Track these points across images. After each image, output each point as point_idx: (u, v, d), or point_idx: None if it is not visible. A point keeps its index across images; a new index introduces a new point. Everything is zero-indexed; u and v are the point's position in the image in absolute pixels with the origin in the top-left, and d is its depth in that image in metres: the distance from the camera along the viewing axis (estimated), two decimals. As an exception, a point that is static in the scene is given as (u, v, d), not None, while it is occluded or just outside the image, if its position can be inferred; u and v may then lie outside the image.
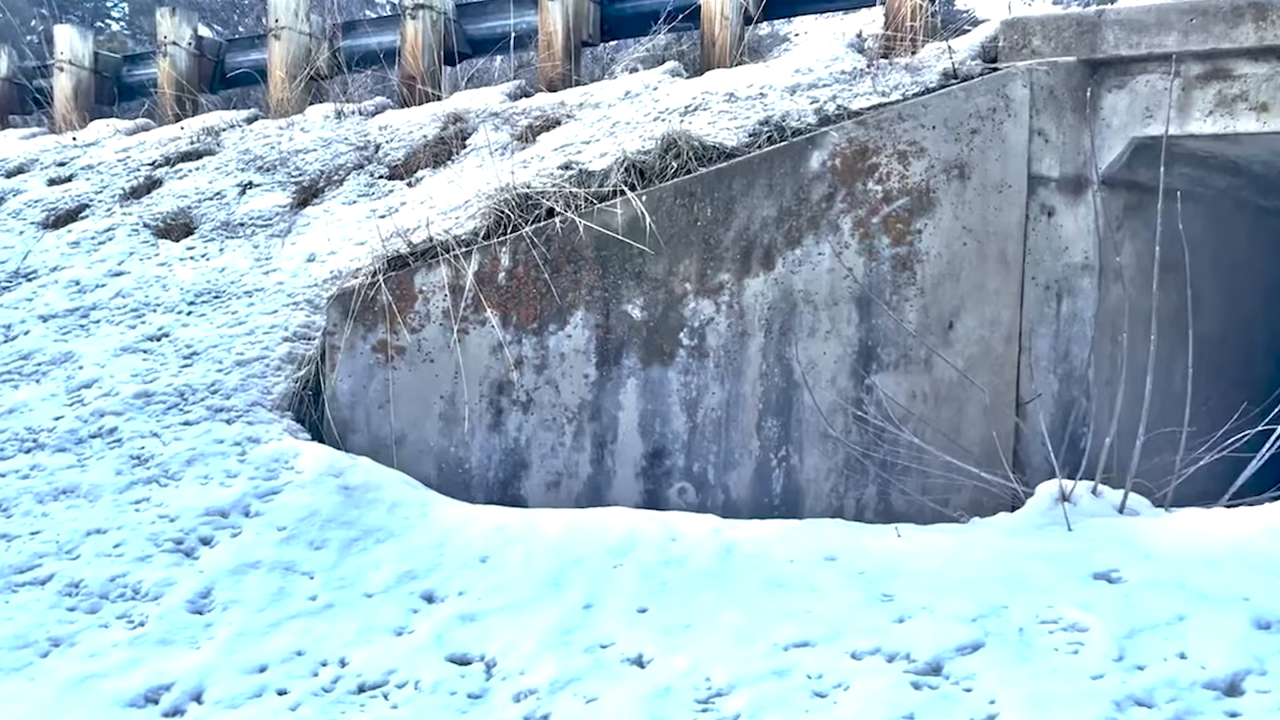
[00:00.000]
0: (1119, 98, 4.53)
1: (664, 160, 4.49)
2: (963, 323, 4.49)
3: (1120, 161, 4.56)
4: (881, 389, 4.45)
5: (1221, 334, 5.29)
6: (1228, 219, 5.37)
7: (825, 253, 4.47)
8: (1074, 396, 4.56)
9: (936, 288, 4.48)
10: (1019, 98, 4.51)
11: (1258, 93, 4.25)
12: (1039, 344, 4.55)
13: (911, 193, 4.47)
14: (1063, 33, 4.57)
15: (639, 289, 4.46)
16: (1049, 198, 4.57)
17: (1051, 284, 4.57)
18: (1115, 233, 4.67)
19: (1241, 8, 4.22)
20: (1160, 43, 4.37)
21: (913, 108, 4.50)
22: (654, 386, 4.47)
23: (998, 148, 4.50)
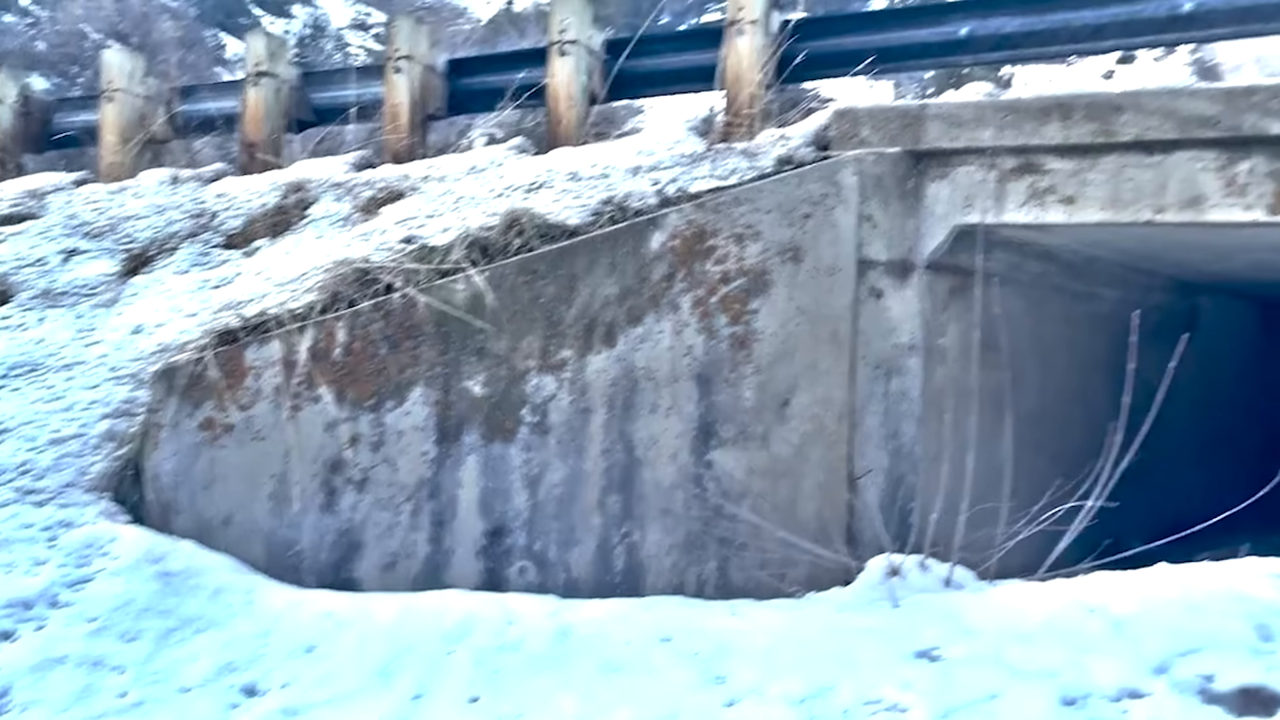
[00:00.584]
0: (941, 187, 4.77)
1: (507, 237, 4.50)
2: (798, 400, 4.61)
3: (943, 247, 4.78)
4: (721, 465, 4.51)
5: (1040, 410, 5.56)
6: (1044, 302, 5.69)
7: (666, 331, 4.54)
8: (903, 472, 4.71)
9: (773, 366, 4.59)
10: (849, 185, 4.69)
11: (1065, 186, 4.53)
12: (870, 421, 4.70)
13: (748, 274, 4.60)
14: (889, 124, 4.79)
15: (481, 365, 4.43)
16: (878, 281, 4.75)
17: (881, 363, 4.73)
18: (940, 314, 4.88)
19: (1049, 107, 4.51)
20: (978, 137, 4.63)
21: (749, 192, 4.64)
22: (495, 463, 4.43)
23: (829, 232, 4.67)
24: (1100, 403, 4.25)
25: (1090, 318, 6.02)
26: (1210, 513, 4.47)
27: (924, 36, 5.34)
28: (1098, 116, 4.40)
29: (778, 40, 5.31)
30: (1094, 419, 4.31)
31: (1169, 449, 6.63)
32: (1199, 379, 7.19)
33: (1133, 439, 4.24)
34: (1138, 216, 4.40)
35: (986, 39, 5.22)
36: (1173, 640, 2.88)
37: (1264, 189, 4.20)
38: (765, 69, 5.24)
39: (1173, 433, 6.67)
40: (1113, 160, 4.43)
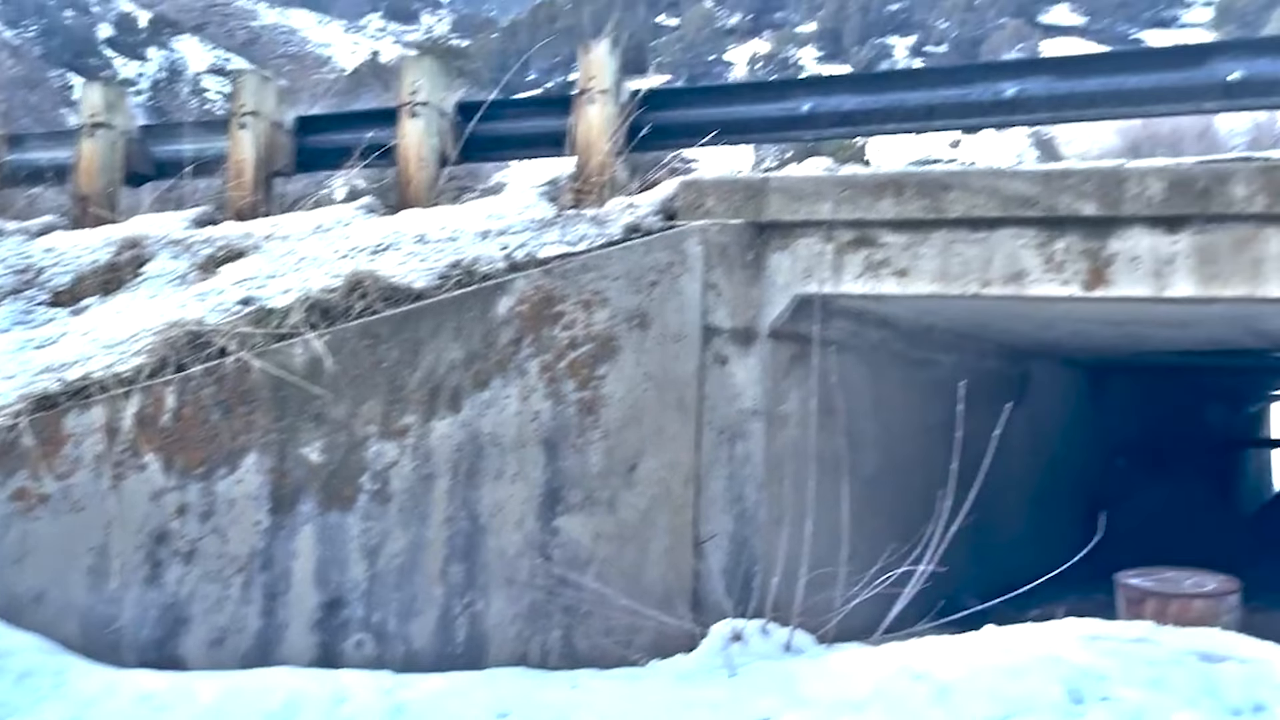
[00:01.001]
0: (783, 257, 4.90)
1: (349, 300, 4.42)
2: (645, 465, 4.63)
3: (785, 316, 4.91)
4: (567, 531, 4.49)
5: (879, 473, 5.73)
6: (883, 367, 5.88)
7: (513, 396, 4.52)
8: (747, 536, 4.78)
9: (620, 431, 4.61)
10: (694, 254, 4.79)
11: (898, 259, 4.72)
12: (715, 485, 4.76)
13: (596, 340, 4.62)
14: (733, 195, 4.91)
15: (319, 431, 4.32)
16: (722, 347, 4.84)
17: (726, 428, 4.80)
18: (782, 381, 5.00)
19: (884, 184, 4.70)
20: (817, 210, 4.78)
21: (597, 259, 4.68)
22: (332, 533, 4.30)
23: (676, 299, 4.75)
24: (938, 465, 4.40)
25: (928, 383, 6.25)
26: (1042, 570, 4.66)
27: (769, 111, 5.52)
28: (928, 194, 4.61)
29: (627, 110, 5.41)
30: (932, 481, 4.45)
31: (1002, 509, 6.91)
32: (1031, 441, 7.55)
33: (966, 501, 4.41)
34: (965, 289, 4.60)
35: (828, 115, 5.43)
36: (993, 705, 2.98)
37: (1079, 266, 4.46)
38: (615, 137, 5.32)
39: (1006, 493, 6.97)
40: (942, 235, 4.64)
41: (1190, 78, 4.94)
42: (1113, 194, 4.36)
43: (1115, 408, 9.15)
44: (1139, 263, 4.36)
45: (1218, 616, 4.77)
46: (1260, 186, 4.15)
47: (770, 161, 28.54)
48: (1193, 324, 5.38)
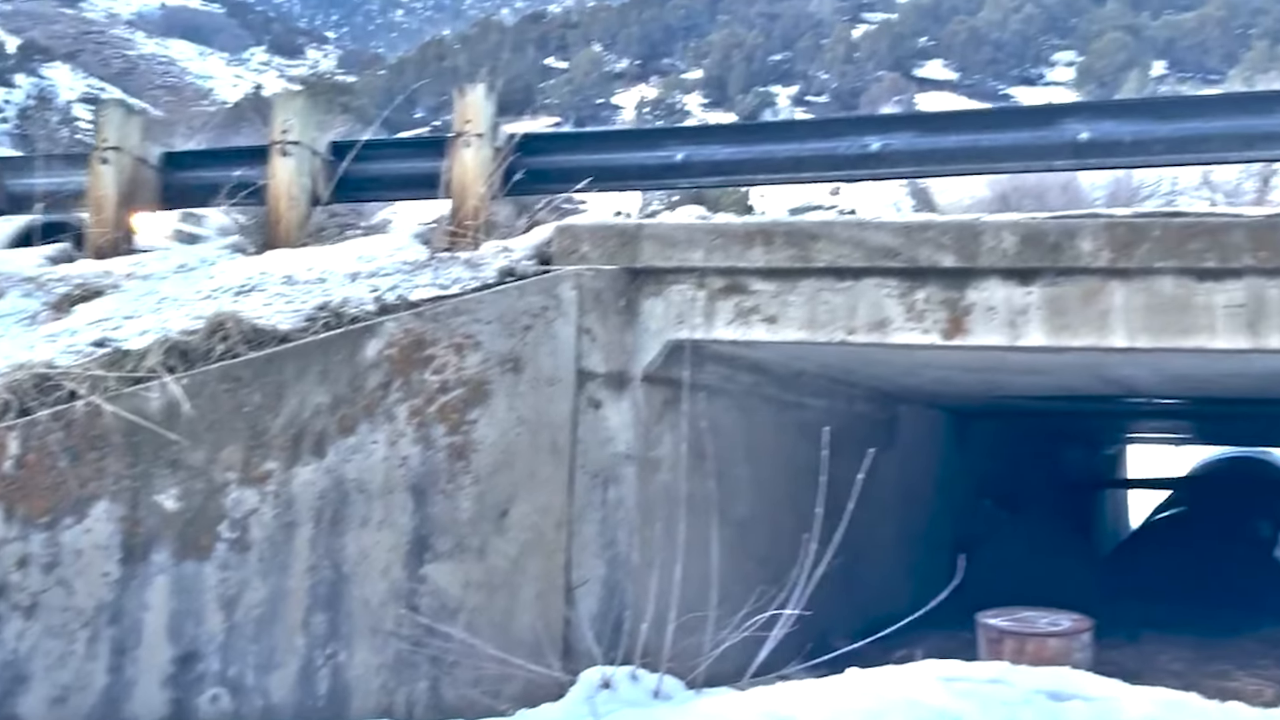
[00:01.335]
0: (656, 303, 4.95)
1: (210, 342, 4.30)
2: (516, 510, 4.60)
3: (658, 360, 4.95)
4: (435, 579, 4.42)
5: (752, 516, 5.80)
6: (756, 411, 5.98)
7: (380, 441, 4.44)
8: (619, 581, 4.77)
9: (492, 476, 4.57)
10: (568, 298, 4.80)
11: (768, 306, 4.81)
12: (588, 530, 4.75)
13: (468, 384, 4.59)
14: (608, 241, 4.96)
15: (175, 478, 4.17)
16: (596, 391, 4.85)
17: (599, 472, 4.81)
18: (655, 425, 5.03)
19: (753, 233, 4.80)
20: (689, 258, 4.86)
21: (470, 303, 4.66)
22: (188, 583, 4.15)
23: (549, 344, 4.75)
24: (810, 508, 4.47)
25: (799, 426, 6.37)
26: (912, 609, 4.76)
27: (644, 159, 5.60)
28: (796, 243, 4.72)
29: (503, 154, 5.42)
30: (803, 524, 4.52)
31: (872, 550, 7.06)
32: (899, 483, 7.75)
33: (837, 542, 4.48)
34: (832, 337, 4.72)
35: (701, 164, 5.53)
36: (852, 749, 3.02)
37: (939, 315, 4.61)
38: (491, 181, 5.32)
39: (875, 534, 7.13)
40: (810, 284, 4.76)
41: (1043, 137, 5.18)
42: (970, 246, 4.53)
43: (980, 450, 9.47)
44: (995, 313, 4.54)
45: (1071, 654, 4.95)
46: (1105, 242, 4.37)
47: (658, 206, 28.87)
48: (1046, 371, 5.61)
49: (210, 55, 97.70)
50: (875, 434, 7.59)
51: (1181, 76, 59.49)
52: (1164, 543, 9.69)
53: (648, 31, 75.84)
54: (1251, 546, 9.35)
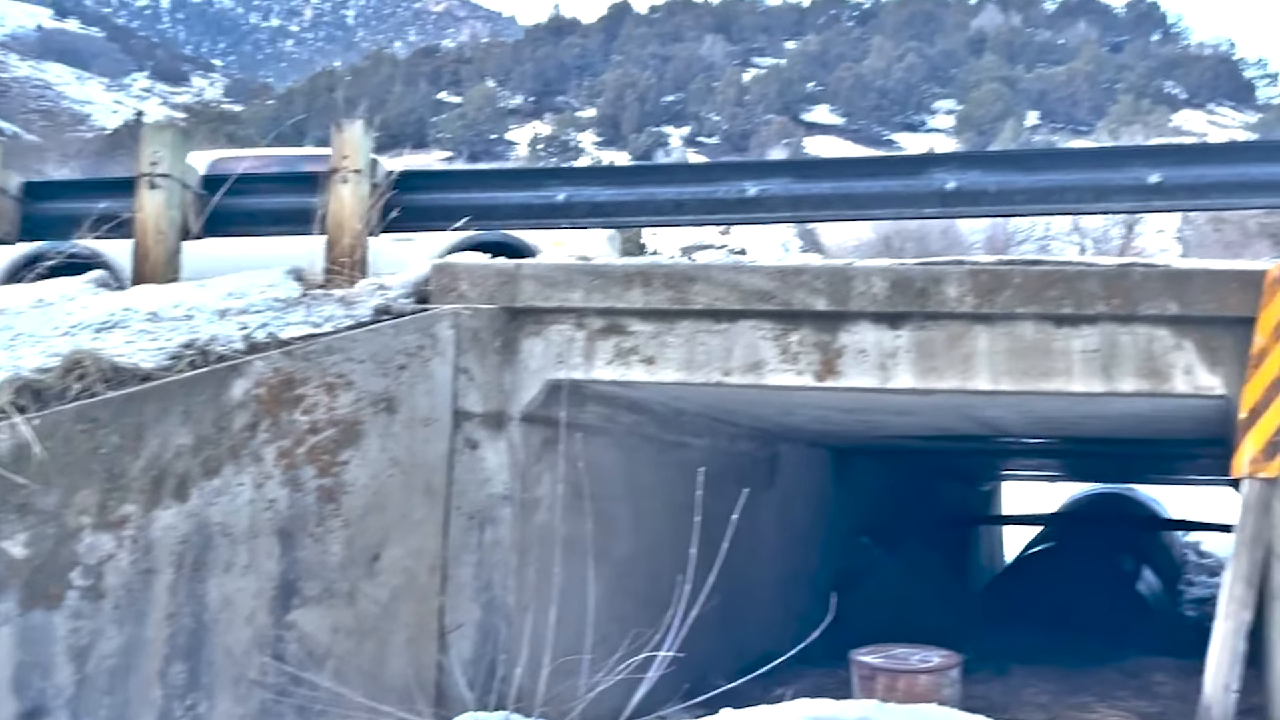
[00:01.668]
0: (535, 343, 4.94)
1: (66, 381, 4.13)
2: (388, 553, 4.51)
3: (537, 400, 4.93)
4: (303, 625, 4.29)
5: (633, 556, 5.80)
6: (637, 450, 5.99)
7: (246, 484, 4.31)
8: (494, 624, 4.71)
9: (363, 519, 4.47)
10: (445, 337, 4.75)
11: (646, 347, 4.84)
12: (463, 573, 4.68)
13: (339, 424, 4.49)
14: (487, 281, 4.93)
15: (23, 523, 3.97)
16: (473, 431, 4.80)
17: (475, 514, 4.75)
18: (534, 465, 5.00)
19: (632, 274, 4.83)
20: (569, 298, 4.86)
21: (343, 341, 4.58)
22: (35, 634, 3.94)
23: (425, 383, 4.69)
24: (690, 547, 4.48)
25: (680, 465, 6.40)
26: (790, 647, 4.80)
27: (525, 199, 5.60)
28: (675, 285, 4.77)
29: (381, 190, 5.36)
30: (684, 563, 4.53)
31: (752, 588, 7.12)
32: (780, 520, 7.85)
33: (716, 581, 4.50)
34: (709, 378, 4.77)
35: (582, 205, 5.57)
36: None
37: (812, 357, 4.70)
38: (368, 217, 5.26)
39: (756, 572, 7.19)
40: (688, 325, 4.81)
41: (912, 186, 5.37)
42: (842, 291, 4.64)
43: (860, 487, 9.65)
44: (866, 355, 4.65)
45: (940, 690, 5.06)
46: (970, 288, 4.52)
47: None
48: (918, 412, 5.76)
49: (89, 80, 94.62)
50: (757, 472, 7.68)
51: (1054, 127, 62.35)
52: (1034, 577, 10.00)
53: (542, 69, 76.27)
54: (1115, 580, 9.72)
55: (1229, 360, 4.31)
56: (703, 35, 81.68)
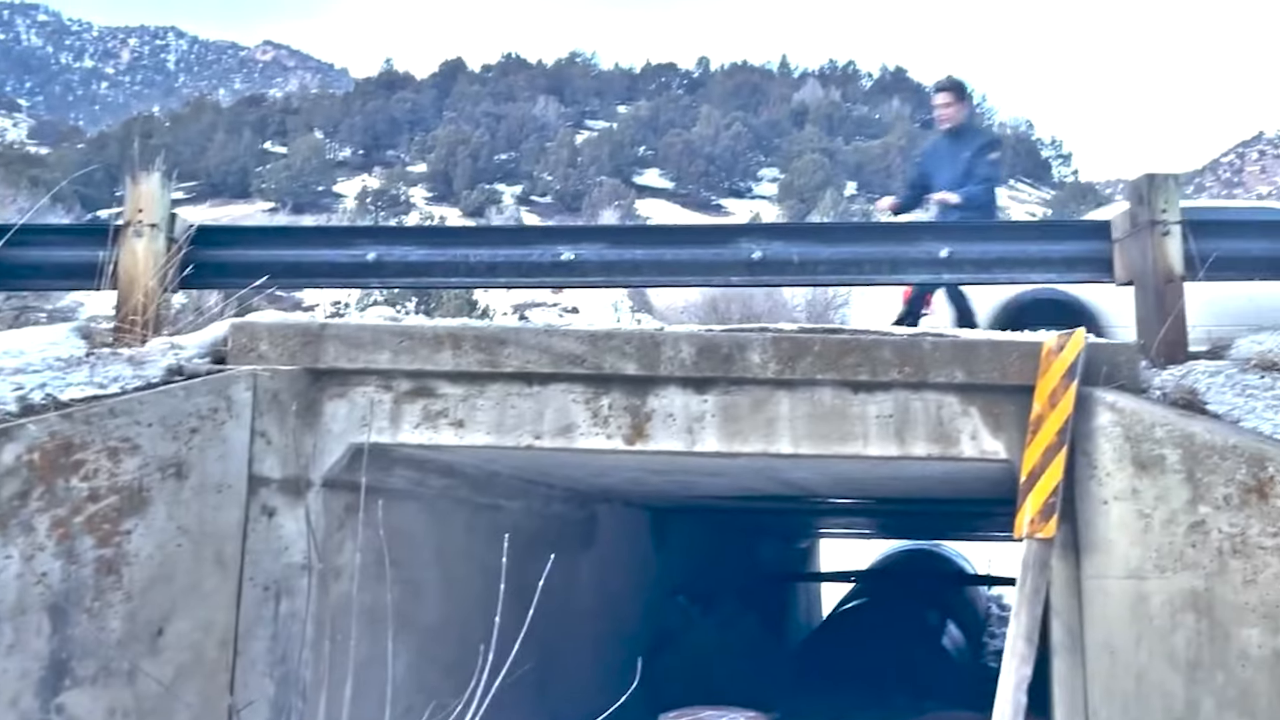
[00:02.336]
0: (340, 405, 4.81)
1: None
2: (174, 628, 4.25)
3: (341, 464, 4.79)
4: (74, 708, 3.98)
5: (441, 623, 5.66)
6: (448, 515, 5.88)
7: (14, 556, 3.99)
8: (290, 700, 4.50)
9: (146, 592, 4.21)
10: (242, 399, 4.57)
11: (456, 410, 4.78)
12: (256, 647, 4.46)
13: (123, 491, 4.23)
14: (289, 341, 4.78)
15: None
16: (271, 498, 4.62)
17: (271, 584, 4.55)
18: (337, 532, 4.84)
19: (442, 336, 4.78)
20: (375, 359, 4.76)
21: (129, 403, 4.33)
22: None
23: (219, 448, 4.48)
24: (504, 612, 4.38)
25: (494, 529, 6.29)
26: (605, 709, 4.75)
27: (333, 257, 5.47)
28: (485, 348, 4.74)
29: (179, 245, 5.14)
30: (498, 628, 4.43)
31: (568, 651, 7.05)
32: (597, 582, 7.83)
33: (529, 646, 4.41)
34: (520, 441, 4.74)
35: (393, 264, 5.48)
36: None
37: (622, 421, 4.74)
38: (164, 273, 5.03)
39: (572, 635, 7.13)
40: (498, 389, 4.77)
41: (720, 255, 5.51)
42: (651, 355, 4.71)
43: (677, 547, 9.74)
44: (674, 419, 4.71)
45: (747, 751, 5.10)
46: (773, 355, 4.66)
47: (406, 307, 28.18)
48: (726, 474, 5.88)
49: None
50: (574, 534, 7.66)
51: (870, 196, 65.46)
52: (846, 633, 10.28)
53: (372, 122, 75.36)
54: (922, 635, 10.08)
55: (1011, 426, 4.56)
56: (536, 96, 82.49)
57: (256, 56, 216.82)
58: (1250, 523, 3.93)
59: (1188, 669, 3.96)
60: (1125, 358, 4.57)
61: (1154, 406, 4.31)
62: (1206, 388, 4.50)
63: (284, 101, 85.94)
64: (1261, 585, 3.86)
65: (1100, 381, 4.45)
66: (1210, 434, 4.07)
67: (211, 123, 72.89)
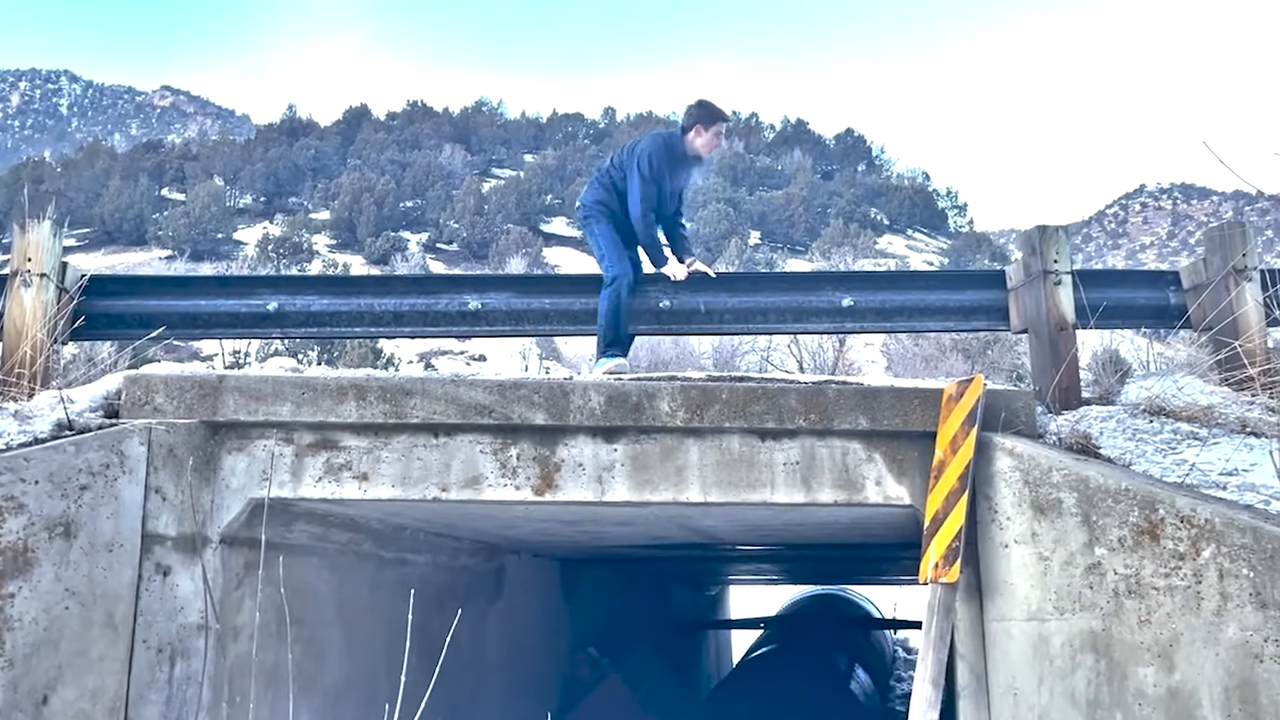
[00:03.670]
0: (239, 459, 4.68)
1: None
2: (60, 695, 4.05)
3: (240, 520, 4.65)
4: (-50, 786, 3.76)
5: (345, 682, 5.50)
6: (352, 570, 5.74)
7: (-115, 624, 3.77)
8: (184, 769, 4.31)
9: (30, 658, 4.00)
10: (135, 455, 4.41)
11: (360, 463, 4.68)
12: (148, 712, 4.27)
13: (6, 552, 4.03)
14: (185, 393, 4.64)
15: None
16: (165, 557, 4.45)
17: (165, 646, 4.38)
18: (235, 590, 4.68)
19: (345, 387, 4.69)
20: (276, 411, 4.64)
21: (13, 460, 4.14)
22: None
23: (110, 505, 4.31)
24: (410, 668, 4.27)
25: (400, 583, 6.19)
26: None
27: (233, 307, 5.35)
28: (390, 399, 4.66)
29: (70, 295, 4.97)
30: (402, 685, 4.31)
31: (475, 706, 6.91)
32: (506, 634, 7.70)
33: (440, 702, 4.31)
34: (426, 494, 4.66)
35: (295, 314, 5.37)
36: None
37: (531, 471, 4.70)
38: (54, 324, 4.85)
39: (480, 689, 6.99)
40: (404, 440, 4.69)
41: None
42: (560, 405, 4.68)
43: (588, 596, 9.66)
44: (583, 469, 4.69)
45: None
46: (681, 403, 4.67)
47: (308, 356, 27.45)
48: (636, 522, 5.86)
49: None
50: (482, 586, 7.54)
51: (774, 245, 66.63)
52: (756, 680, 10.26)
53: (274, 169, 74.21)
54: (830, 679, 10.13)
55: (914, 472, 4.64)
56: (442, 144, 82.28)
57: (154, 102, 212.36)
58: (1144, 564, 4.05)
59: (1088, 708, 4.04)
60: (1022, 403, 4.70)
61: (1050, 451, 4.43)
62: (1100, 432, 4.65)
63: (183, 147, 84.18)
64: (1155, 625, 3.97)
65: (999, 427, 4.56)
66: (1104, 477, 4.20)
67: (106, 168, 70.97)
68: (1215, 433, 4.62)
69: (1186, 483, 4.25)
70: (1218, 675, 3.84)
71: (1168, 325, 5.49)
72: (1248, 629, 3.81)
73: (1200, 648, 3.89)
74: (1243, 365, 4.90)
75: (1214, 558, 3.92)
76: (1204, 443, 4.52)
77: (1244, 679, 3.79)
